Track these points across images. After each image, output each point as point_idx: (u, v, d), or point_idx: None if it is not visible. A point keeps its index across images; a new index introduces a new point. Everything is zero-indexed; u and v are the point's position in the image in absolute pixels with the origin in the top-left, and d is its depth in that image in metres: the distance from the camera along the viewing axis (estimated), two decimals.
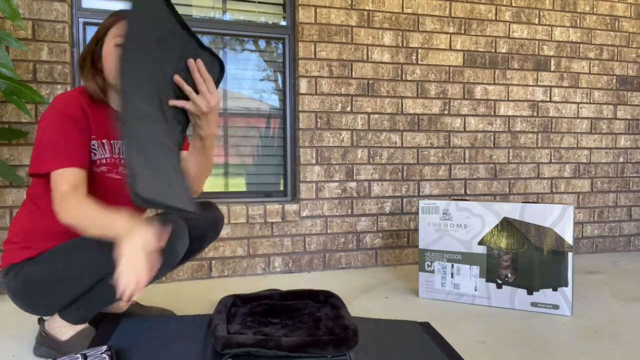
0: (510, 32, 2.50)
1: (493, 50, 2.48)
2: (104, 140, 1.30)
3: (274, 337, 1.15)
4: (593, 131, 2.68)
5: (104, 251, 1.18)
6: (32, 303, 1.27)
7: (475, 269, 1.75)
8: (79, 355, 1.14)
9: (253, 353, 1.13)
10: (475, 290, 1.76)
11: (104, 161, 1.29)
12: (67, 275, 1.22)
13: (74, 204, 1.12)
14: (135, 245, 1.04)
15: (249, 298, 1.46)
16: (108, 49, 1.26)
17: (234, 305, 1.42)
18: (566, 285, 1.63)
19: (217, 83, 1.29)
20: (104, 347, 1.18)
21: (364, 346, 1.30)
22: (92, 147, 1.27)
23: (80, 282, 1.24)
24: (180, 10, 2.14)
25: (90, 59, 1.28)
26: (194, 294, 1.88)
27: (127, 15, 1.27)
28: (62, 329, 1.30)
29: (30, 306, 1.29)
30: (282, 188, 2.33)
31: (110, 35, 1.26)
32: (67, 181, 1.15)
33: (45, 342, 1.32)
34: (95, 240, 1.16)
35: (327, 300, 1.45)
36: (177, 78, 1.21)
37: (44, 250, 1.26)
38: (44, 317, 1.37)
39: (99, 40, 1.27)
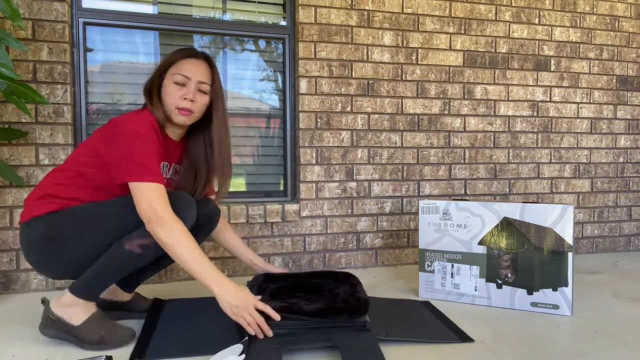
0: (510, 32, 2.50)
1: (493, 50, 2.48)
2: (164, 162, 1.48)
3: (297, 305, 1.35)
4: (593, 131, 2.68)
5: (128, 208, 1.30)
6: (49, 255, 1.32)
7: (475, 269, 1.75)
8: None
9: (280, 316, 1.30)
10: (475, 290, 1.76)
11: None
12: (91, 226, 1.31)
13: (179, 234, 1.25)
14: (228, 296, 1.26)
15: (277, 277, 1.65)
16: (168, 85, 1.41)
17: (264, 282, 1.60)
18: (566, 285, 1.63)
19: None
20: (103, 357, 1.23)
21: (375, 316, 1.51)
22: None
23: (103, 236, 1.31)
24: (181, 10, 2.14)
25: (157, 89, 1.44)
26: (194, 294, 1.87)
27: (188, 53, 1.45)
28: (74, 313, 1.33)
29: (46, 258, 1.33)
30: (282, 188, 2.33)
31: (171, 70, 1.42)
32: (165, 199, 1.28)
33: (55, 324, 1.34)
34: (121, 199, 1.33)
35: (346, 279, 1.63)
36: None
37: (67, 205, 1.34)
38: (46, 298, 1.39)
39: (162, 73, 1.44)
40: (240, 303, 1.26)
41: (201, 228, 1.53)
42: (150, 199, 1.25)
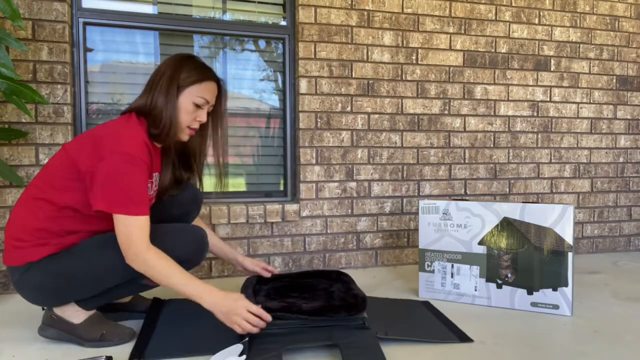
0: (510, 32, 2.50)
1: (493, 50, 2.48)
2: (153, 179, 1.41)
3: (296, 304, 1.36)
4: (593, 131, 2.68)
5: None
6: (55, 297, 1.31)
7: (475, 269, 1.75)
8: None
9: (279, 317, 1.31)
10: (475, 290, 1.76)
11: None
12: (107, 269, 1.28)
13: (152, 262, 1.22)
14: (220, 306, 1.25)
15: (269, 278, 1.66)
16: (186, 103, 1.36)
17: (257, 283, 1.62)
18: (566, 285, 1.63)
19: None
20: (103, 357, 1.23)
21: (374, 316, 1.52)
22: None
23: (119, 276, 1.29)
24: (181, 10, 2.14)
25: (167, 103, 1.34)
26: None
27: (211, 76, 1.40)
28: (76, 314, 1.35)
29: (50, 299, 1.32)
30: (282, 188, 2.33)
31: (193, 89, 1.36)
32: (144, 232, 1.23)
33: (55, 324, 1.35)
34: None
35: (338, 277, 1.66)
36: None
37: (64, 246, 1.28)
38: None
39: (180, 86, 1.35)
40: (232, 309, 1.25)
41: (191, 212, 1.58)
42: (131, 234, 1.21)
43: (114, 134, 1.25)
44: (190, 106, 1.36)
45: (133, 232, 1.21)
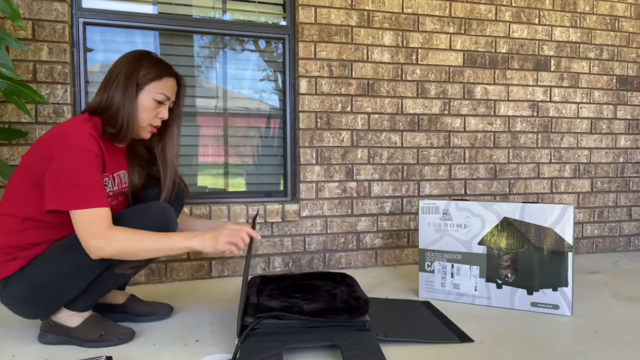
0: (510, 32, 2.50)
1: (493, 50, 2.48)
2: (114, 174, 1.39)
3: (297, 304, 1.34)
4: (593, 131, 2.68)
5: None
6: (39, 305, 1.30)
7: (475, 269, 1.75)
8: None
9: (280, 317, 1.31)
10: (475, 290, 1.76)
11: (110, 193, 1.38)
12: (75, 268, 1.26)
13: (123, 235, 1.19)
14: (211, 239, 1.24)
15: (273, 278, 1.67)
16: (146, 101, 1.35)
17: (261, 283, 1.63)
18: (566, 285, 1.63)
19: None
20: (103, 357, 1.22)
21: (375, 317, 1.54)
22: (105, 183, 1.33)
23: (90, 272, 1.28)
24: (181, 10, 2.14)
25: (125, 101, 1.32)
26: (194, 294, 1.88)
27: (169, 72, 1.39)
28: (71, 317, 1.35)
29: (36, 309, 1.31)
30: (282, 188, 2.33)
31: (153, 86, 1.35)
32: (103, 221, 1.20)
33: (53, 329, 1.35)
34: None
35: (342, 280, 1.66)
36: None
37: (33, 256, 1.27)
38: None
39: (139, 84, 1.33)
40: (219, 235, 1.24)
41: (174, 206, 1.55)
42: (89, 227, 1.18)
43: (59, 132, 1.24)
44: (150, 103, 1.35)
45: (90, 225, 1.18)
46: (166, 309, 1.60)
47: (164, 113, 1.40)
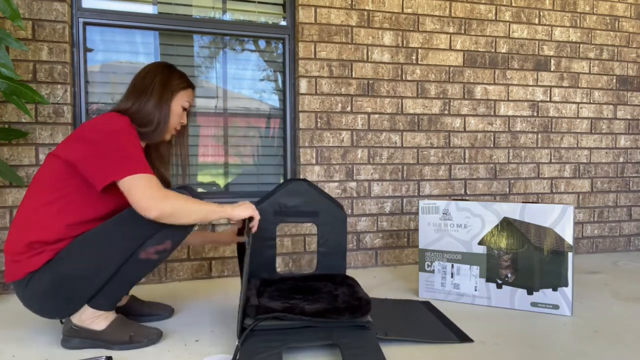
0: (510, 32, 2.50)
1: (493, 50, 2.48)
2: None
3: (299, 305, 1.34)
4: (593, 131, 2.68)
5: (128, 227, 1.28)
6: (64, 300, 1.30)
7: (475, 269, 1.75)
8: None
9: (281, 317, 1.31)
10: (475, 290, 1.76)
11: None
12: (101, 256, 1.27)
13: (176, 196, 1.27)
14: (242, 209, 1.39)
15: (274, 280, 1.65)
16: (177, 107, 1.47)
17: (262, 285, 1.62)
18: (566, 285, 1.63)
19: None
20: (104, 358, 1.23)
21: (375, 316, 1.55)
22: None
23: (116, 260, 1.29)
24: (181, 10, 2.14)
25: (161, 107, 1.43)
26: (194, 294, 1.88)
27: (191, 84, 1.52)
28: (95, 320, 1.34)
29: (61, 304, 1.31)
30: None
31: (183, 95, 1.49)
32: (159, 184, 1.28)
33: (78, 334, 1.34)
34: (117, 220, 1.28)
35: (343, 281, 1.64)
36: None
37: (58, 250, 1.28)
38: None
39: (173, 91, 1.46)
40: (244, 206, 1.40)
41: None
42: (146, 188, 1.24)
43: (97, 121, 1.31)
44: (179, 109, 1.48)
45: (147, 188, 1.24)
46: (167, 310, 1.60)
47: (185, 119, 1.53)
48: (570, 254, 1.63)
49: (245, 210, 1.40)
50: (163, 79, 1.45)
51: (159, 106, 1.42)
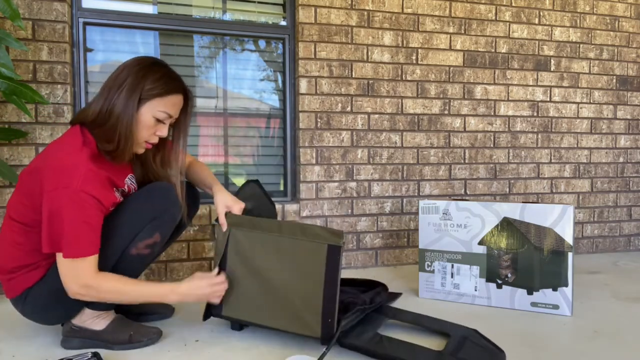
0: (510, 32, 2.50)
1: (493, 50, 2.48)
2: (124, 181, 1.36)
3: (359, 296, 1.55)
4: (593, 131, 2.68)
5: (117, 226, 1.27)
6: (62, 308, 1.29)
7: (475, 269, 1.75)
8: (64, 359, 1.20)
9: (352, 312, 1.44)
10: (475, 290, 1.76)
11: (121, 198, 1.35)
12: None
13: (104, 286, 1.20)
14: (192, 294, 1.32)
15: None
16: (146, 117, 1.26)
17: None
18: (566, 285, 1.63)
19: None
20: (90, 353, 1.22)
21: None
22: (116, 196, 1.31)
23: (106, 261, 1.26)
24: (181, 10, 2.14)
25: (124, 115, 1.23)
26: None
27: (177, 87, 1.30)
28: (95, 320, 1.34)
29: (60, 312, 1.30)
30: (282, 188, 2.33)
31: (156, 103, 1.26)
32: (92, 267, 1.19)
33: (77, 334, 1.33)
34: (106, 222, 1.25)
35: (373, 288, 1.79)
36: None
37: (52, 263, 1.27)
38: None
39: (142, 98, 1.24)
40: (206, 290, 1.34)
41: (189, 209, 1.55)
42: (76, 276, 1.17)
43: (56, 167, 1.17)
44: (150, 121, 1.26)
45: (73, 272, 1.17)
46: (168, 309, 1.60)
47: (163, 131, 1.31)
48: (570, 254, 1.63)
49: (194, 297, 1.31)
50: (133, 82, 1.23)
51: (123, 115, 1.22)
